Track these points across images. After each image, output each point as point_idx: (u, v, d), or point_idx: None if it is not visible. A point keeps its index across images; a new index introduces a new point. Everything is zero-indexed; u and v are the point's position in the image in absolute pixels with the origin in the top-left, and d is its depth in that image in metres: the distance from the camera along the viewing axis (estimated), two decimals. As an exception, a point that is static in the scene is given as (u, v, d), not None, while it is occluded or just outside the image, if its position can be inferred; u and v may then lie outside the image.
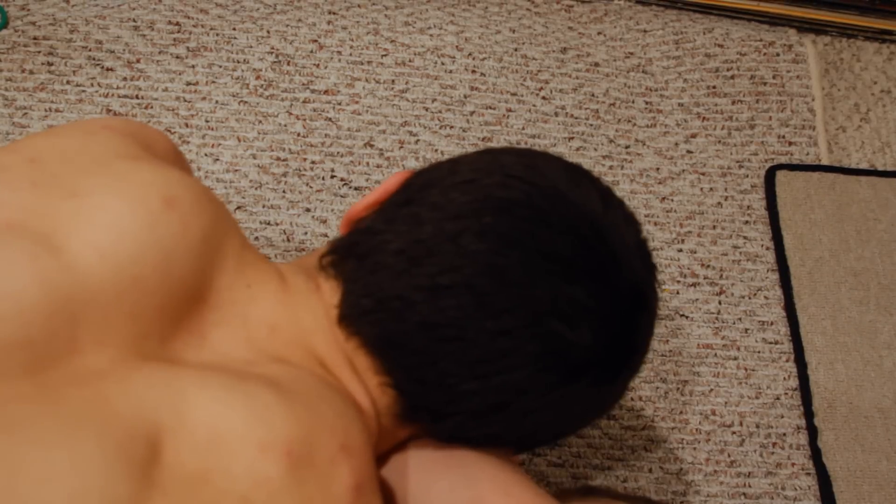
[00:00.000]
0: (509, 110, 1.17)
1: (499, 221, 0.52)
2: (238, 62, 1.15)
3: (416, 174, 0.60)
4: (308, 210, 1.06)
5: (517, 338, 0.51)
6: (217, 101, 1.11)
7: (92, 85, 1.12)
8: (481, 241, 0.52)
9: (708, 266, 1.07)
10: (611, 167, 1.14)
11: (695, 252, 1.08)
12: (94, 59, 1.14)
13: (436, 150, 1.12)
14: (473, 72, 1.19)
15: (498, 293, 0.51)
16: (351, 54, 1.17)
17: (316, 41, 1.18)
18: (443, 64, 1.19)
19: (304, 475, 0.48)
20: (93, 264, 0.50)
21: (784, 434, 0.97)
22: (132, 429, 0.45)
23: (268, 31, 1.17)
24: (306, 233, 1.04)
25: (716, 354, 1.01)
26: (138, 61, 1.14)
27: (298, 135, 1.10)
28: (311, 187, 1.07)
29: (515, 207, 0.52)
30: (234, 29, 1.17)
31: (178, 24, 1.17)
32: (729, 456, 0.95)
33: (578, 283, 0.52)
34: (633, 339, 0.56)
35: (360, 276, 0.55)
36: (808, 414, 0.97)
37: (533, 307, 0.51)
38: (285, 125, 1.11)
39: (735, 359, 1.01)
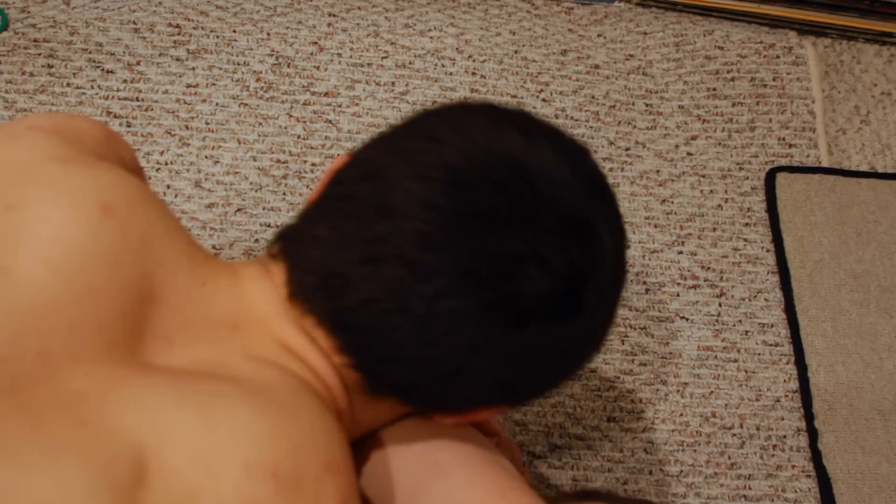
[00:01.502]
0: (509, 112, 1.17)
1: (418, 187, 0.52)
2: (238, 64, 1.15)
3: (352, 152, 0.60)
4: (308, 212, 1.06)
5: (453, 297, 0.51)
6: (217, 104, 1.11)
7: (92, 87, 1.12)
8: (403, 209, 0.52)
9: (708, 268, 1.07)
10: (611, 169, 1.14)
11: (695, 254, 1.08)
12: (94, 61, 1.14)
13: (436, 153, 1.12)
14: (473, 74, 1.19)
15: (425, 257, 0.51)
16: (351, 56, 1.17)
17: (316, 43, 1.18)
18: (443, 66, 1.19)
19: (293, 497, 0.47)
20: (46, 278, 0.49)
21: (784, 436, 0.97)
22: (115, 453, 0.45)
23: (268, 34, 1.18)
24: (306, 235, 1.04)
25: (716, 357, 1.01)
26: (138, 63, 1.14)
27: (299, 137, 1.10)
28: (311, 189, 1.07)
29: (430, 170, 0.52)
30: (235, 31, 1.17)
31: (178, 26, 1.17)
32: (729, 458, 0.95)
33: (504, 232, 0.51)
34: (580, 275, 0.54)
35: (301, 253, 0.55)
36: (809, 416, 0.97)
37: (460, 264, 0.51)
38: (285, 127, 1.11)
39: (735, 361, 1.01)
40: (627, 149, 1.16)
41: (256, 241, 1.03)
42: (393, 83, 1.16)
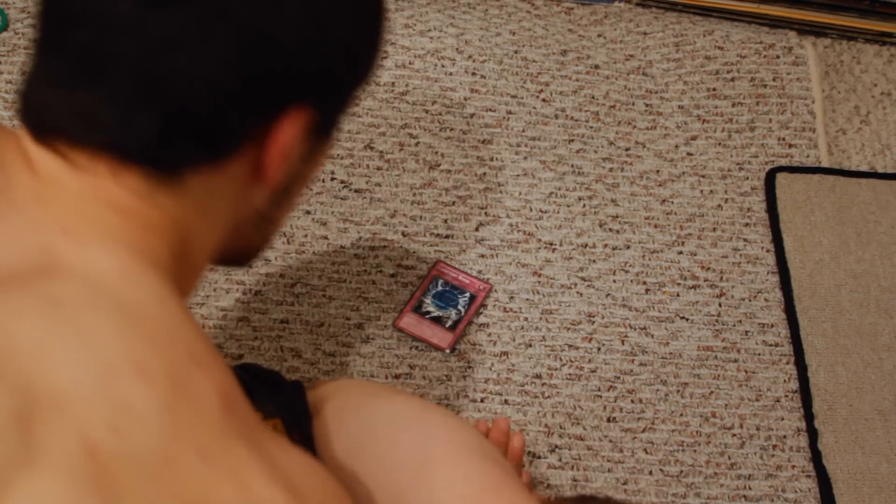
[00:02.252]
0: (510, 112, 1.17)
1: None
2: (238, 64, 1.15)
3: None
4: (308, 212, 1.06)
5: (122, 8, 0.51)
6: (217, 104, 1.11)
7: (92, 87, 1.12)
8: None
9: (708, 268, 1.07)
10: (611, 169, 1.14)
11: (695, 254, 1.08)
12: (94, 61, 1.14)
13: (436, 153, 1.12)
14: (473, 74, 1.19)
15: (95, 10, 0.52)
16: (351, 57, 1.17)
17: (316, 43, 1.18)
18: (443, 66, 1.19)
19: (171, 396, 0.45)
20: None
21: (784, 436, 0.97)
22: None
23: (268, 34, 1.18)
24: (306, 235, 1.04)
25: (716, 357, 1.01)
26: (139, 64, 1.14)
27: (299, 137, 1.10)
28: (310, 189, 1.07)
29: None
30: (235, 31, 1.17)
31: (178, 26, 1.17)
32: (729, 458, 0.95)
33: None
34: None
35: (24, 96, 0.55)
36: (809, 416, 0.97)
37: None
38: (285, 127, 1.11)
39: (735, 361, 1.01)
40: (627, 149, 1.16)
41: (256, 241, 1.03)
42: (393, 83, 1.16)
